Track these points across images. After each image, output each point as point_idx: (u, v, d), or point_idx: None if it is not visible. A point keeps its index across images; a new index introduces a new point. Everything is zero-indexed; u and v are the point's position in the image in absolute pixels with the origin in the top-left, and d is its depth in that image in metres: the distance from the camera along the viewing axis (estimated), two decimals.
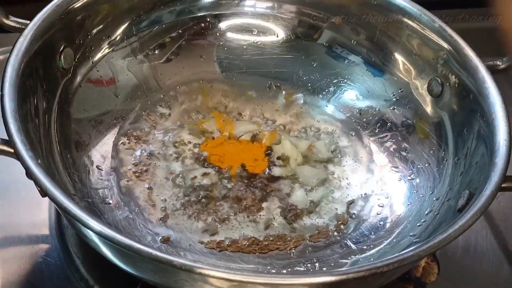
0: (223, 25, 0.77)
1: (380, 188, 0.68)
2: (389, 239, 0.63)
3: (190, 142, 0.70)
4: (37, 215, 0.65)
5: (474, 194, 0.56)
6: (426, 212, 0.63)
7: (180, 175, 0.67)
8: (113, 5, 0.69)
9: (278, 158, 0.70)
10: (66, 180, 0.60)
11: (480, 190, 0.54)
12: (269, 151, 0.70)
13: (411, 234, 0.62)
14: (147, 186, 0.66)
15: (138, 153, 0.68)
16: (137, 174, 0.66)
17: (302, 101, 0.76)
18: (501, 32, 0.39)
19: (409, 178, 0.68)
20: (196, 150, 0.69)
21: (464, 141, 0.63)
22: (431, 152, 0.68)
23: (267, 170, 0.68)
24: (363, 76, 0.75)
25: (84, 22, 0.66)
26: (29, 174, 0.51)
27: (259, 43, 0.78)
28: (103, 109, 0.70)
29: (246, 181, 0.67)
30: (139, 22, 0.73)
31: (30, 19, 0.61)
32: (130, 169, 0.67)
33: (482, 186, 0.54)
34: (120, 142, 0.69)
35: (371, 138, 0.73)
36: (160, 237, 0.62)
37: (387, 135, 0.72)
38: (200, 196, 0.65)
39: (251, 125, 0.73)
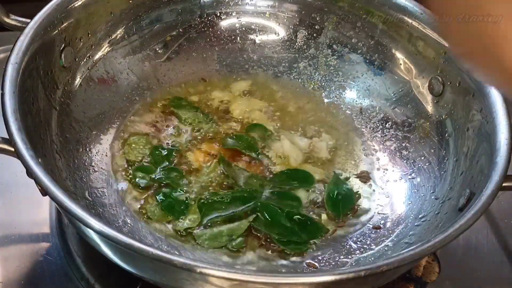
0: (224, 23, 0.77)
1: (381, 187, 0.68)
2: (390, 238, 0.63)
3: (191, 140, 0.70)
4: (37, 214, 0.65)
5: (474, 193, 0.56)
6: (426, 211, 0.63)
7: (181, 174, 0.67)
8: (113, 4, 0.69)
9: (278, 156, 0.70)
10: (67, 179, 0.60)
11: (481, 189, 0.54)
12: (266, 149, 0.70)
13: (411, 233, 0.62)
14: (147, 184, 0.65)
15: (138, 151, 0.68)
16: (138, 172, 0.66)
17: (302, 100, 0.76)
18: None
19: (409, 177, 0.68)
20: (196, 148, 0.69)
21: (465, 140, 0.63)
22: (432, 151, 0.68)
23: (268, 169, 0.68)
24: (364, 75, 0.75)
25: (85, 20, 0.66)
26: (30, 173, 0.51)
27: (259, 41, 0.78)
28: (104, 107, 0.70)
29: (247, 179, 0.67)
30: (140, 20, 0.73)
31: (31, 18, 0.61)
32: (130, 168, 0.66)
33: (482, 185, 0.54)
34: (121, 141, 0.69)
35: (372, 137, 0.72)
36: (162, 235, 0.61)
37: (387, 134, 0.72)
38: (200, 195, 0.65)
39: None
